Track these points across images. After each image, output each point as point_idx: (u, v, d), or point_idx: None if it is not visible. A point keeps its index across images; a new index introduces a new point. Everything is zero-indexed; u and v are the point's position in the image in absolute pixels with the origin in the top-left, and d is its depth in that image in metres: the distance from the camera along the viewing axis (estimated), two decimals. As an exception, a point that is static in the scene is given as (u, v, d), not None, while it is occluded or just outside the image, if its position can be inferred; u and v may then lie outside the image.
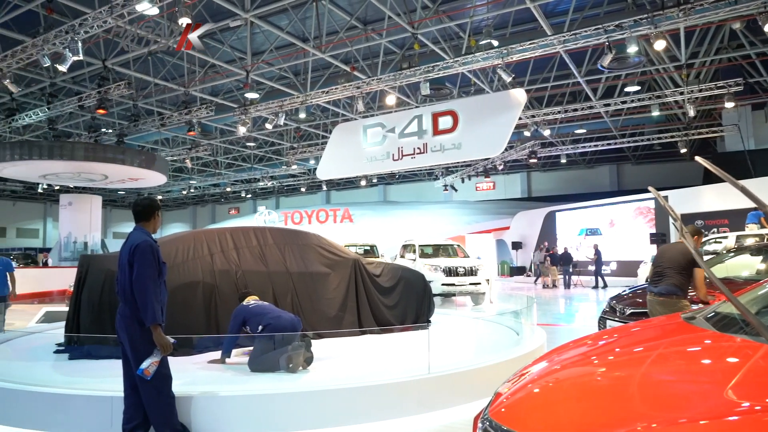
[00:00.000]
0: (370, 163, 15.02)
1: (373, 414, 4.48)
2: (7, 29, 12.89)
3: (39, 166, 19.07)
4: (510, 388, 2.51)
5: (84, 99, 16.59)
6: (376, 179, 32.17)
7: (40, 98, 18.32)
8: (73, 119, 21.20)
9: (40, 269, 20.71)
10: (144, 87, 18.03)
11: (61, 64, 11.90)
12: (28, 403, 4.47)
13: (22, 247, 35.51)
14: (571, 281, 20.60)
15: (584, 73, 16.12)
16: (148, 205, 4.03)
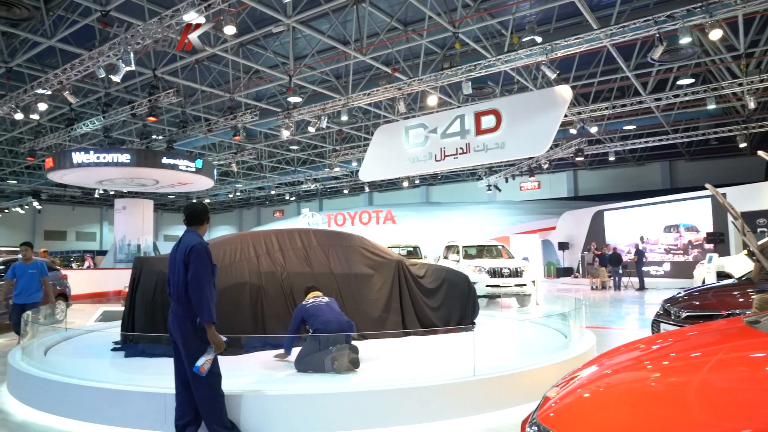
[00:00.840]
0: (412, 164, 15.00)
1: (418, 416, 4.47)
2: (66, 44, 13.55)
3: (96, 172, 19.94)
4: (559, 392, 2.45)
5: (136, 107, 17.25)
6: (418, 180, 32.06)
7: (96, 108, 19.18)
8: (126, 127, 22.08)
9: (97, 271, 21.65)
10: (191, 94, 18.60)
11: (115, 75, 12.43)
12: (88, 397, 4.68)
13: (81, 250, 37.21)
14: (621, 282, 19.97)
15: (633, 67, 15.60)
16: (201, 210, 4.19)
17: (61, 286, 12.40)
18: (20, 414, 5.01)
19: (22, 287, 8.14)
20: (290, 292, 6.85)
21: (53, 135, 21.26)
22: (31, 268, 8.25)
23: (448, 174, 32.65)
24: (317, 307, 5.62)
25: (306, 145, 26.41)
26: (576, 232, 25.65)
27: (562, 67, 15.25)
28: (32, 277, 8.22)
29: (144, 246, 24.76)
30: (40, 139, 21.56)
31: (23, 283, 8.13)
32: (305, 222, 30.77)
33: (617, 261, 19.86)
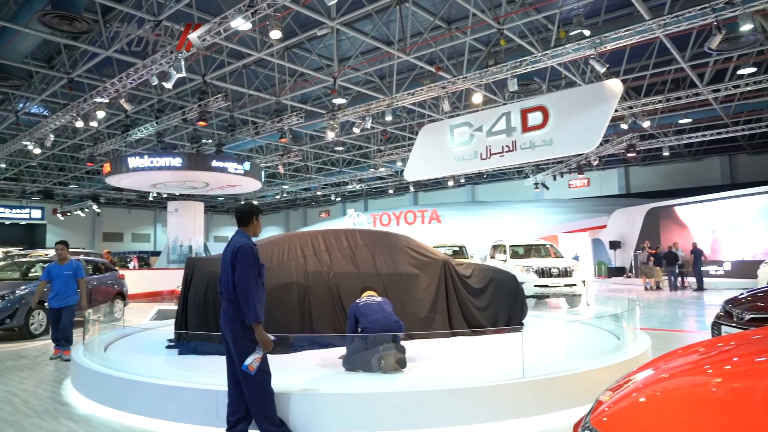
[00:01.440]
0: (457, 163, 14.88)
1: (466, 417, 4.42)
2: (122, 54, 14.15)
3: (150, 176, 20.74)
4: (612, 396, 2.37)
5: (187, 112, 17.83)
6: (463, 179, 31.80)
7: (150, 114, 19.95)
8: (177, 132, 22.86)
9: (153, 271, 22.51)
10: (239, 98, 19.07)
11: (167, 82, 12.89)
12: (144, 392, 4.87)
13: (137, 251, 38.79)
14: (677, 282, 19.16)
15: (689, 58, 14.94)
16: (246, 210, 4.28)
17: (119, 286, 12.96)
18: (83, 407, 5.26)
19: (57, 289, 7.70)
20: (337, 292, 6.91)
21: (110, 141, 22.26)
22: (66, 269, 7.80)
23: (494, 172, 32.22)
24: (368, 306, 5.65)
25: (351, 146, 26.62)
26: (628, 230, 24.81)
27: (612, 60, 14.77)
28: (68, 279, 7.77)
29: (195, 247, 25.55)
30: (99, 145, 22.61)
31: (59, 285, 7.70)
32: (351, 222, 31.00)
33: (673, 260, 19.07)
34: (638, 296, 16.64)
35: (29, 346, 9.04)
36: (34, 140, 19.54)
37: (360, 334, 5.45)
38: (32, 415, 5.04)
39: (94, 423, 4.77)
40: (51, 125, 18.08)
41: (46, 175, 31.79)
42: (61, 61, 15.13)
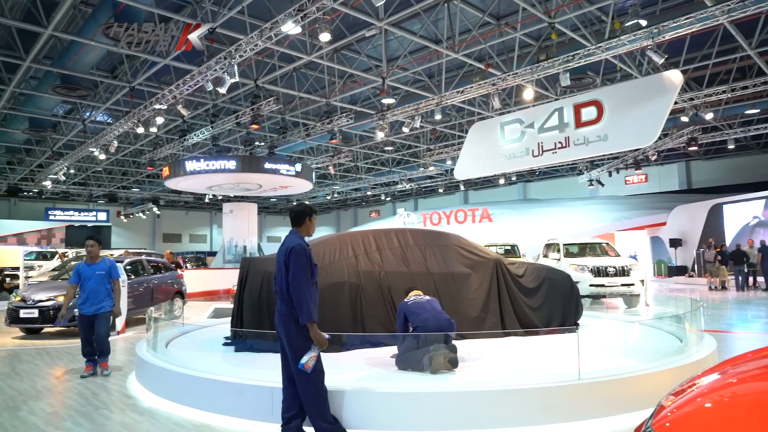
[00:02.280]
0: (508, 161, 14.63)
1: (520, 419, 4.35)
2: (178, 61, 14.72)
3: (206, 178, 21.46)
4: (675, 400, 2.28)
5: (240, 116, 18.34)
6: (515, 177, 31.24)
7: (205, 119, 20.64)
8: (231, 135, 23.56)
9: (209, 271, 23.28)
10: (290, 101, 19.45)
11: (221, 87, 13.30)
12: (203, 387, 5.05)
13: (194, 251, 40.21)
14: (745, 282, 18.15)
15: (756, 45, 14.11)
16: (300, 210, 4.37)
17: (178, 285, 13.48)
18: (147, 400, 5.50)
19: (88, 293, 6.69)
20: (388, 291, 6.94)
21: (169, 146, 23.17)
22: (99, 269, 6.78)
23: (546, 170, 31.50)
24: (418, 305, 5.63)
25: (400, 146, 26.67)
26: (690, 227, 23.73)
27: (671, 50, 14.15)
28: (100, 280, 6.74)
29: (249, 247, 26.23)
30: (158, 150, 23.59)
31: (90, 287, 6.69)
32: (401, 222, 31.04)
33: (741, 259, 18.07)
34: (702, 296, 15.86)
35: (97, 342, 9.52)
36: (99, 147, 20.59)
37: (411, 333, 5.44)
38: (101, 407, 5.32)
39: (157, 416, 4.98)
40: (114, 132, 19.00)
41: (110, 179, 33.45)
42: (123, 71, 15.88)
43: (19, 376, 6.88)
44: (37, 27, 12.21)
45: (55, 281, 11.57)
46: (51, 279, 12.28)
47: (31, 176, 30.26)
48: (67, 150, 24.16)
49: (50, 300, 9.99)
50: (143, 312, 10.74)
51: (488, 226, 28.80)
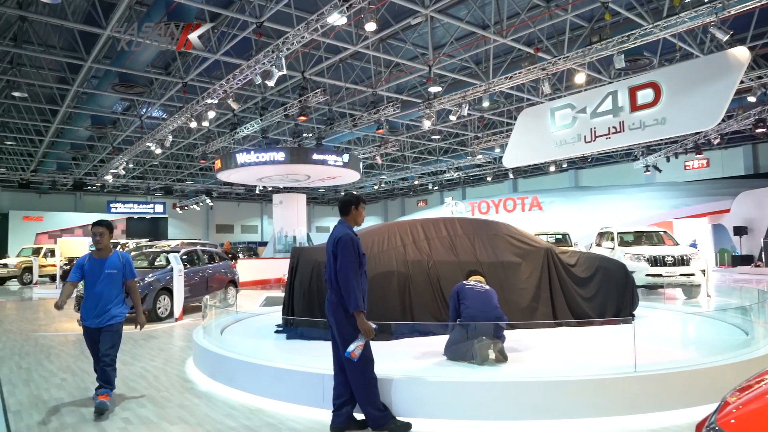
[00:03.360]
0: (559, 148, 14.23)
1: (572, 411, 4.26)
2: (228, 56, 15.05)
3: (257, 170, 21.95)
4: (741, 396, 2.17)
5: (288, 108, 18.61)
6: (566, 164, 30.36)
7: (254, 112, 21.06)
8: (280, 127, 23.95)
9: (261, 260, 23.87)
10: (337, 92, 19.57)
11: (269, 80, 13.52)
12: (257, 373, 5.20)
13: (246, 241, 41.29)
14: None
15: (831, 18, 13.14)
16: (347, 200, 4.41)
17: (231, 274, 13.90)
18: (204, 385, 5.72)
19: (95, 298, 4.87)
20: (437, 281, 6.92)
21: (220, 139, 23.80)
22: (110, 266, 4.94)
23: (599, 156, 30.48)
24: (474, 292, 5.47)
25: (447, 134, 26.42)
26: (757, 214, 22.47)
27: (737, 26, 13.34)
28: (110, 281, 4.92)
29: (299, 237, 26.73)
30: (210, 143, 24.28)
31: (98, 291, 4.87)
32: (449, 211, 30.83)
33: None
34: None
35: (157, 328, 9.98)
36: (155, 141, 21.39)
37: (460, 323, 5.38)
38: (162, 390, 5.57)
39: (214, 399, 5.17)
40: (169, 127, 19.67)
41: (166, 172, 34.73)
42: (176, 68, 16.38)
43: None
44: (96, 28, 12.74)
45: (118, 270, 12.12)
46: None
47: (94, 171, 31.79)
48: (126, 145, 25.21)
49: (113, 288, 10.48)
50: (199, 300, 11.15)
51: (538, 214, 28.23)
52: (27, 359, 7.34)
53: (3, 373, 6.49)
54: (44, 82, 17.38)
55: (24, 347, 8.23)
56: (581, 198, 29.10)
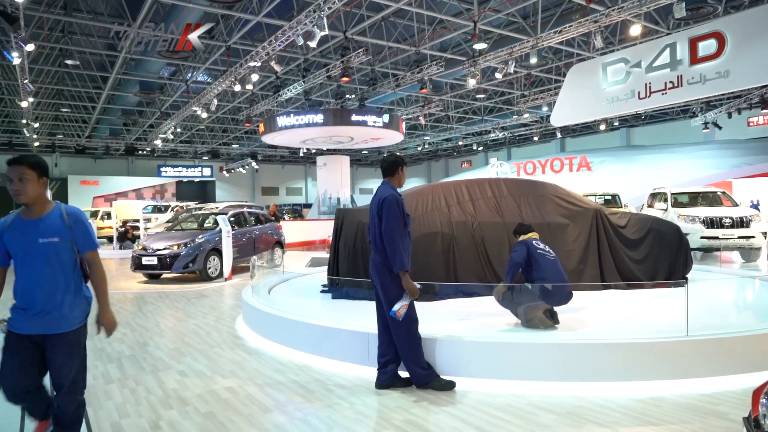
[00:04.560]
0: (610, 105, 13.61)
1: (621, 373, 4.19)
2: (270, 17, 14.95)
3: (300, 132, 22.07)
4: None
5: (330, 70, 18.47)
6: (617, 122, 29.15)
7: (297, 74, 21.01)
8: (322, 89, 23.86)
9: (306, 222, 24.25)
10: (379, 51, 19.23)
11: (311, 41, 13.40)
12: (304, 331, 5.33)
13: (290, 203, 41.98)
14: None
15: None
16: (393, 161, 4.38)
17: (278, 236, 14.19)
18: (253, 341, 5.93)
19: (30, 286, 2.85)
20: (481, 242, 6.85)
21: (264, 102, 23.96)
22: (46, 232, 2.84)
23: (654, 113, 29.08)
24: (547, 260, 5.22)
25: (493, 93, 25.72)
26: (827, 173, 21.08)
27: (812, -32, 12.23)
28: (51, 254, 2.84)
29: (343, 199, 26.94)
30: (254, 106, 24.48)
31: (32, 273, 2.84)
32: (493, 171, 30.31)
33: None
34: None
35: (208, 287, 10.36)
36: (201, 105, 21.74)
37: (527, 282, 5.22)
38: (215, 345, 5.81)
39: (263, 355, 5.36)
40: (214, 91, 19.90)
41: (212, 136, 35.39)
42: (219, 31, 16.43)
43: (145, 315, 7.66)
44: (141, -8, 12.86)
45: (170, 232, 12.62)
46: (166, 230, 13.41)
47: (144, 136, 32.73)
48: (173, 110, 25.74)
49: (167, 249, 10.93)
50: (246, 261, 11.47)
51: (587, 175, 27.37)
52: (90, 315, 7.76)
53: (69, 327, 6.90)
54: (94, 50, 17.81)
55: (87, 303, 8.70)
56: (633, 158, 27.96)
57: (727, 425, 3.40)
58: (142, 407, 4.00)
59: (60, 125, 30.84)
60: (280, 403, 4.01)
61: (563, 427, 3.43)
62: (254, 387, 4.39)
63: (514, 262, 5.17)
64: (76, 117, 28.77)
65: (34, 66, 18.89)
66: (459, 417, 3.64)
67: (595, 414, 3.64)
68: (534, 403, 3.86)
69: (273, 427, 3.56)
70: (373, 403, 3.96)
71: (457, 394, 4.09)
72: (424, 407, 3.85)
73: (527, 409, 3.75)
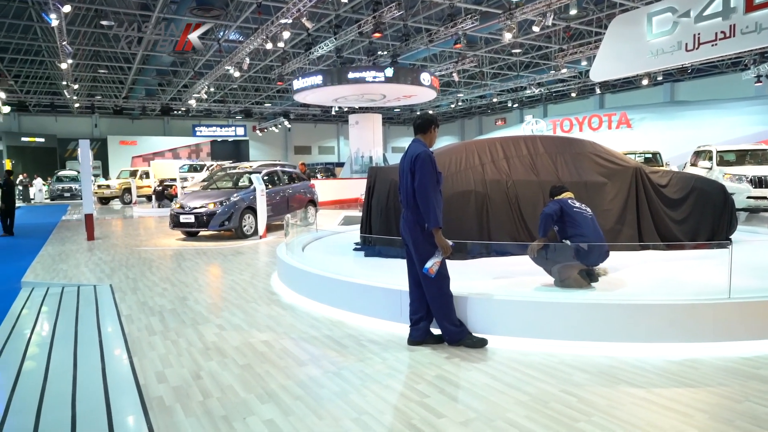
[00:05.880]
0: (655, 58, 12.97)
1: (659, 335, 4.12)
2: (301, -30, 14.66)
3: (332, 91, 21.90)
4: None
5: (362, 26, 18.09)
6: (661, 76, 27.89)
7: (328, 30, 20.69)
8: (354, 46, 23.47)
9: (339, 180, 24.34)
10: (412, 6, 18.69)
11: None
12: (338, 288, 5.41)
13: (323, 162, 42.16)
14: None
15: None
16: (427, 119, 4.31)
17: (310, 194, 14.29)
18: (288, 297, 6.05)
19: None
20: (515, 201, 6.74)
21: (295, 60, 23.77)
22: None
23: (701, 66, 27.65)
24: (584, 218, 5.07)
25: (529, 48, 24.85)
26: None
27: None
28: None
29: (375, 157, 26.85)
30: (286, 65, 24.32)
31: None
32: (528, 129, 29.66)
33: None
34: None
35: (244, 244, 10.58)
36: (233, 64, 21.73)
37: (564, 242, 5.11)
38: (251, 301, 5.96)
39: (298, 311, 5.47)
40: (246, 49, 19.82)
41: (245, 96, 35.48)
42: (250, -14, 16.24)
43: (184, 271, 7.90)
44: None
45: (206, 191, 12.85)
46: (202, 189, 13.66)
47: (178, 96, 33.06)
48: (207, 69, 25.81)
49: (203, 207, 11.16)
50: (281, 219, 11.63)
51: (626, 132, 26.50)
52: (133, 270, 8.06)
53: (114, 282, 7.20)
54: (128, 10, 17.86)
55: (129, 260, 9.03)
56: (677, 114, 26.83)
57: (768, 388, 3.32)
58: (183, 358, 4.16)
59: (98, 86, 31.39)
60: (315, 357, 4.11)
61: (596, 387, 3.42)
62: (289, 341, 4.50)
63: (545, 214, 5.07)
64: (113, 78, 29.19)
65: (72, 27, 19.11)
66: (490, 374, 3.67)
67: (629, 374, 3.60)
68: (567, 362, 3.85)
69: (308, 379, 3.66)
70: (405, 359, 4.01)
71: (488, 352, 4.11)
72: (456, 363, 3.89)
73: (560, 368, 3.74)
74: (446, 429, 2.90)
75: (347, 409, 3.18)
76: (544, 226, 5.04)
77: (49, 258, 9.37)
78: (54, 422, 3.15)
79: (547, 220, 5.04)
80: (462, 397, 3.31)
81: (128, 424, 3.12)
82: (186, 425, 3.03)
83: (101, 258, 9.30)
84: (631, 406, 3.12)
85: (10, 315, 5.77)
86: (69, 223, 16.01)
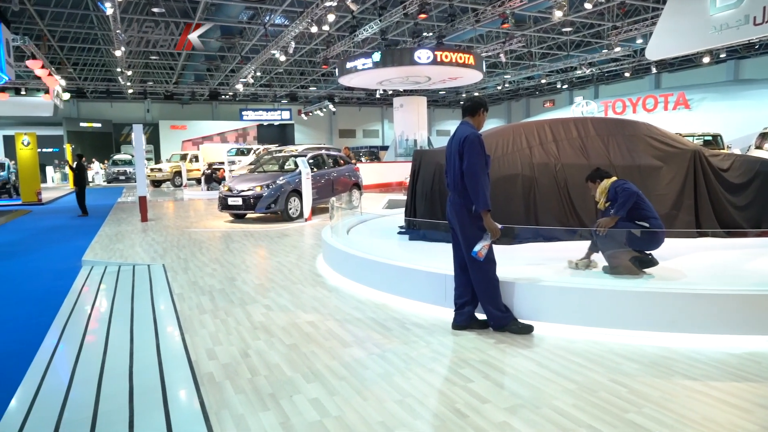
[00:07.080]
0: (718, 34, 12.25)
1: (713, 326, 3.94)
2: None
3: (376, 73, 21.76)
4: None
5: (407, 7, 17.85)
6: (724, 53, 26.35)
7: (373, 12, 20.52)
8: (398, 28, 23.21)
9: (383, 164, 24.33)
10: (459, -15, 18.31)
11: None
12: (382, 271, 5.42)
13: (367, 146, 42.17)
14: None
15: None
16: (476, 101, 4.25)
17: (355, 178, 14.35)
18: (332, 279, 6.12)
19: None
20: (564, 185, 6.56)
21: (340, 43, 23.74)
22: None
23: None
24: (648, 204, 4.93)
25: (581, 26, 23.94)
26: None
27: None
28: None
29: (420, 140, 26.65)
30: (330, 48, 24.33)
31: None
32: (578, 111, 28.73)
33: None
34: None
35: (289, 227, 10.76)
36: (279, 48, 21.90)
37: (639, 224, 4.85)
38: (297, 282, 6.06)
39: (342, 293, 5.53)
40: (291, 33, 19.93)
41: (290, 80, 35.79)
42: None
43: (232, 253, 8.11)
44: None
45: (252, 174, 13.11)
46: (249, 172, 13.93)
47: (226, 81, 33.67)
48: (253, 54, 26.14)
49: (250, 190, 11.39)
50: (326, 202, 11.75)
51: (684, 114, 25.28)
52: (184, 251, 8.33)
53: (167, 262, 7.46)
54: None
55: (180, 241, 9.34)
56: (740, 93, 25.35)
57: (837, 384, 3.13)
58: (232, 336, 4.28)
59: (150, 72, 32.34)
60: (359, 339, 4.14)
61: (647, 377, 3.31)
62: (334, 322, 4.55)
63: (631, 191, 4.74)
64: (164, 64, 29.99)
65: (125, 15, 19.69)
66: (536, 360, 3.60)
67: (683, 366, 3.47)
68: (615, 351, 3.74)
69: (352, 360, 3.70)
70: (450, 343, 4.00)
71: (534, 338, 4.04)
72: (501, 349, 3.84)
73: (608, 357, 3.64)
74: (491, 414, 2.87)
75: (391, 391, 3.20)
76: (626, 203, 4.73)
77: (106, 238, 9.80)
78: (113, 393, 3.30)
79: (632, 198, 4.74)
80: (507, 384, 3.27)
81: (181, 398, 3.24)
82: (235, 401, 3.12)
83: (154, 239, 9.65)
84: (686, 398, 3.01)
85: (72, 291, 6.08)
86: (124, 205, 16.70)
